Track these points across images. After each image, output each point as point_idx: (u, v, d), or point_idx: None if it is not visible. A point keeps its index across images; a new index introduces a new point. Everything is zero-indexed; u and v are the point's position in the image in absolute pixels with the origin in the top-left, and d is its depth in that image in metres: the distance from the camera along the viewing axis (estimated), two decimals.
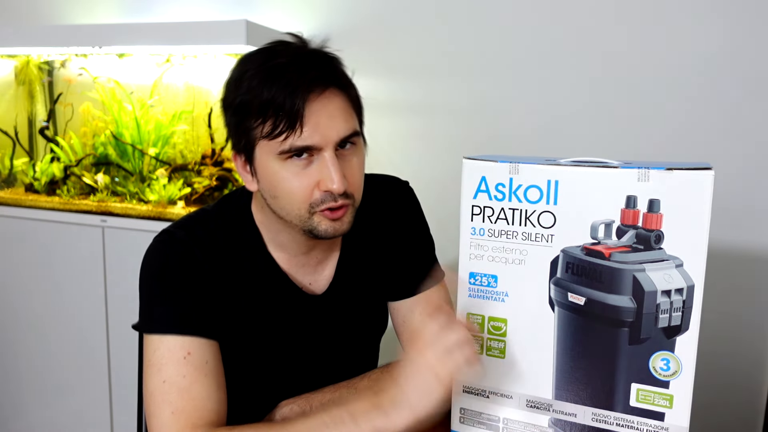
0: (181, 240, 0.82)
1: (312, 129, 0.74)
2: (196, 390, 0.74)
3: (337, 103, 0.77)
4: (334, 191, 0.76)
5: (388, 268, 0.95)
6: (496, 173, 0.70)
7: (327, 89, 0.76)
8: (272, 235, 0.86)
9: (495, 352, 0.74)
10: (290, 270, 0.88)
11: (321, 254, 0.90)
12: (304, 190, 0.77)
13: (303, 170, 0.76)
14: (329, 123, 0.75)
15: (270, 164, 0.77)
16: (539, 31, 1.56)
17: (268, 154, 0.77)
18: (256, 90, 0.75)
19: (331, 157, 0.76)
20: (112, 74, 1.79)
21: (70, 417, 1.86)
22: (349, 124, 0.78)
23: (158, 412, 0.73)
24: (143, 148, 1.77)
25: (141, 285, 0.82)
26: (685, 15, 1.46)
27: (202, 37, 1.56)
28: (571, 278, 0.69)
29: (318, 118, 0.75)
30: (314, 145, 0.75)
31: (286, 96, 0.73)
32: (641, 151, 1.51)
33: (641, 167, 0.64)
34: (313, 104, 0.74)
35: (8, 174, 1.98)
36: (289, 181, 0.77)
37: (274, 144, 0.75)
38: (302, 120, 0.74)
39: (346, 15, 1.71)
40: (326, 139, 0.75)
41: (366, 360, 1.01)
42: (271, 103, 0.74)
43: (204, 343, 0.77)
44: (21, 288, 1.85)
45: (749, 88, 1.43)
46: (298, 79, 0.74)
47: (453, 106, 1.65)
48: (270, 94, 0.74)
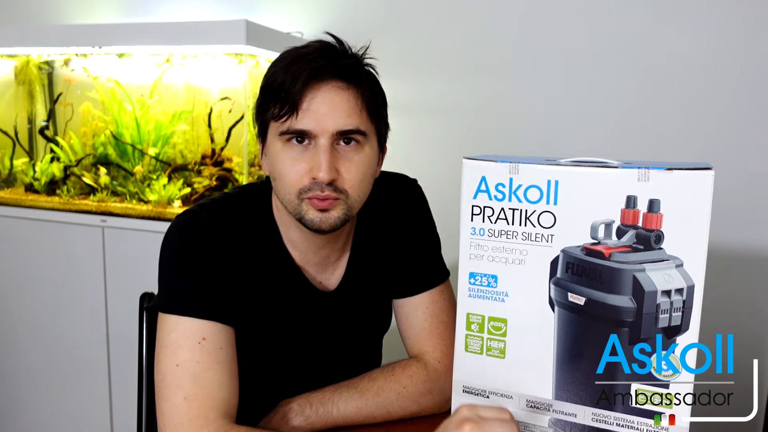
0: (206, 221, 0.82)
1: (309, 115, 0.76)
2: (210, 377, 0.74)
3: (342, 96, 0.78)
4: (319, 179, 0.77)
5: (395, 265, 0.95)
6: (496, 173, 0.70)
7: (334, 80, 0.78)
8: (286, 229, 0.87)
9: (495, 352, 0.74)
10: (305, 266, 0.89)
11: (332, 254, 0.90)
12: (295, 174, 0.78)
13: (299, 155, 0.78)
14: (328, 112, 0.77)
15: (275, 145, 0.80)
16: (539, 32, 1.56)
17: (275, 136, 0.80)
18: (276, 74, 0.79)
19: (324, 146, 0.77)
20: (112, 74, 1.79)
21: (70, 417, 1.86)
22: (351, 120, 0.78)
23: (170, 395, 0.73)
24: (143, 148, 1.77)
25: (161, 263, 0.82)
26: (685, 15, 1.46)
27: (202, 37, 1.57)
28: (571, 278, 0.68)
29: (317, 105, 0.77)
30: (309, 131, 0.77)
31: (292, 80, 0.76)
32: (641, 151, 1.51)
33: (641, 167, 0.64)
34: (314, 91, 0.77)
35: (8, 174, 1.98)
36: (285, 163, 0.79)
37: (277, 125, 0.79)
38: (301, 104, 0.76)
39: (346, 15, 1.71)
40: (322, 127, 0.77)
41: (369, 356, 1.02)
42: (281, 86, 0.77)
43: (220, 329, 0.77)
44: (21, 288, 1.84)
45: (750, 88, 1.43)
46: (306, 65, 0.77)
47: (453, 106, 1.65)
48: (283, 78, 0.77)
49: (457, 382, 0.77)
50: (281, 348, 0.90)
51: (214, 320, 0.77)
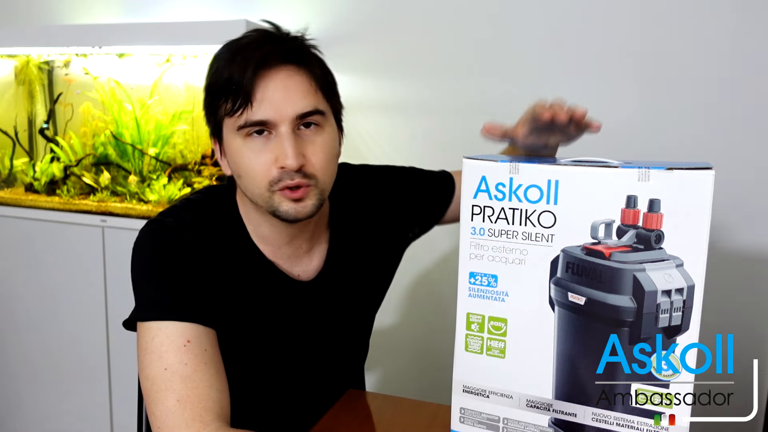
0: (172, 227, 0.81)
1: (265, 103, 0.75)
2: (199, 378, 0.72)
3: (295, 80, 0.77)
4: (288, 167, 0.76)
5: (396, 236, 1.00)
6: (496, 173, 0.70)
7: (284, 65, 0.77)
8: (254, 227, 0.86)
9: (495, 352, 0.74)
10: (277, 261, 0.88)
11: (306, 244, 0.89)
12: (262, 167, 0.77)
13: (262, 147, 0.77)
14: (285, 98, 0.76)
15: (234, 142, 0.79)
16: (539, 31, 1.56)
17: (232, 132, 0.78)
18: (221, 70, 0.78)
19: (286, 133, 0.76)
20: (113, 74, 1.79)
21: (70, 417, 1.86)
22: (308, 101, 0.78)
23: (162, 399, 0.71)
24: (143, 148, 1.77)
25: (134, 275, 0.81)
26: (685, 15, 1.46)
27: (202, 37, 1.56)
28: (571, 278, 0.68)
29: (272, 93, 0.76)
30: (268, 120, 0.76)
31: (240, 71, 0.75)
32: (641, 151, 1.51)
33: (641, 167, 0.64)
34: (266, 79, 0.76)
35: (8, 174, 1.97)
36: (249, 158, 0.78)
37: (234, 120, 0.77)
38: (254, 94, 0.75)
39: (345, 15, 1.70)
40: (281, 114, 0.76)
41: (358, 343, 1.02)
42: (230, 80, 0.76)
43: (202, 331, 0.76)
44: (21, 288, 1.84)
45: (750, 88, 1.43)
46: (251, 54, 0.76)
47: (453, 106, 1.65)
48: (229, 72, 0.76)
49: (457, 382, 0.77)
50: (267, 344, 0.89)
51: (195, 322, 0.76)
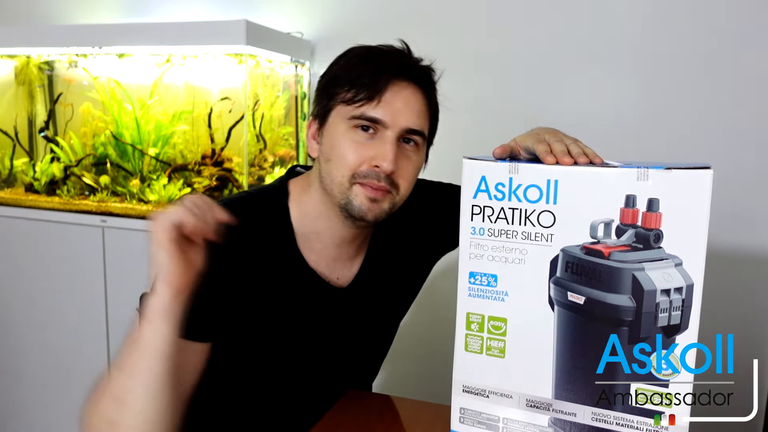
0: None
1: (387, 106, 0.81)
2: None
3: (417, 98, 0.84)
4: (382, 169, 0.80)
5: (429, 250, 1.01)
6: (495, 173, 0.70)
7: (412, 83, 0.83)
8: (308, 226, 0.87)
9: (495, 352, 0.74)
10: (319, 265, 0.89)
11: (351, 249, 0.91)
12: (356, 158, 0.81)
13: (363, 142, 0.82)
14: (403, 109, 0.81)
15: (338, 127, 0.83)
16: (540, 32, 1.57)
17: (341, 118, 0.83)
18: (355, 64, 0.83)
19: (392, 139, 0.81)
20: (113, 74, 1.79)
21: (70, 417, 1.85)
22: (420, 120, 0.84)
23: None
24: (143, 148, 1.77)
25: None
26: (685, 15, 1.46)
27: (202, 37, 1.57)
28: (570, 277, 0.68)
29: (396, 100, 0.81)
30: (383, 120, 0.80)
31: (376, 72, 0.81)
32: (641, 150, 1.51)
33: (640, 167, 0.64)
34: (395, 87, 0.82)
35: (8, 174, 1.98)
36: (348, 146, 0.82)
37: (349, 109, 0.82)
38: (381, 95, 0.81)
39: (345, 15, 1.71)
40: (395, 120, 0.81)
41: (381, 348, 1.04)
42: (360, 76, 0.81)
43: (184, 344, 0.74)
44: (21, 288, 1.84)
45: (749, 88, 1.43)
46: (390, 62, 0.82)
47: (453, 106, 1.64)
48: (362, 69, 0.82)
49: (457, 382, 0.77)
50: (296, 346, 0.90)
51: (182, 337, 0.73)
